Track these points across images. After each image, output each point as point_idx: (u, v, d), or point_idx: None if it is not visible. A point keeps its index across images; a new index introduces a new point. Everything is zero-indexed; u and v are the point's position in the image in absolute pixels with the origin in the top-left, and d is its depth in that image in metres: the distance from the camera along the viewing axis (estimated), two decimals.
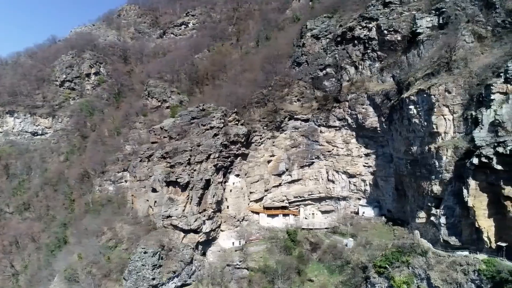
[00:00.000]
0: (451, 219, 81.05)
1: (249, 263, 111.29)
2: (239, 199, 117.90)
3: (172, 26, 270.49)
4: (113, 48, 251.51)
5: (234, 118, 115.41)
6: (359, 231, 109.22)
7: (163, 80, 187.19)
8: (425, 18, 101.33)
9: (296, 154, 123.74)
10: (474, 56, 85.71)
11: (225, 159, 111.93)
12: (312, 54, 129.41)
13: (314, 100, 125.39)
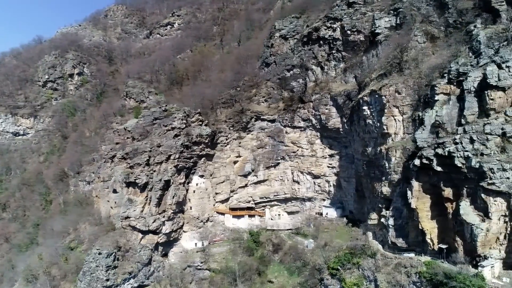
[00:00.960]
0: (399, 220, 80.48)
1: (211, 264, 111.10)
2: (203, 200, 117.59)
3: (158, 27, 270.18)
4: (98, 48, 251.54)
5: (197, 119, 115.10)
6: (321, 232, 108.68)
7: (142, 80, 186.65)
8: (384, 19, 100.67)
9: (262, 154, 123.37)
10: (426, 57, 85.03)
11: (187, 160, 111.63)
12: (280, 54, 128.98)
13: (281, 101, 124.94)
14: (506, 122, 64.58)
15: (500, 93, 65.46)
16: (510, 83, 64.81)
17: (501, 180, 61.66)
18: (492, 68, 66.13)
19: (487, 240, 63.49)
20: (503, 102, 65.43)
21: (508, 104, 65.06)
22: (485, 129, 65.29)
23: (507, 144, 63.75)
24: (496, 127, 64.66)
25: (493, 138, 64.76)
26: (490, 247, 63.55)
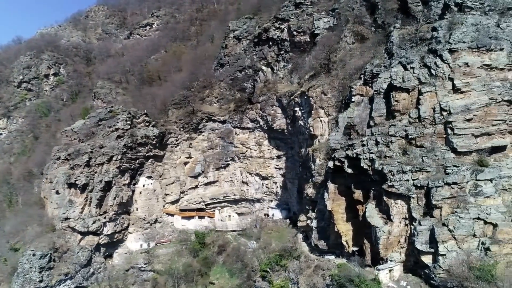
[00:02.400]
0: (321, 222, 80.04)
1: (155, 265, 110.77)
2: (151, 201, 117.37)
3: (138, 27, 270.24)
4: (76, 49, 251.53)
5: (143, 120, 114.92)
6: (265, 233, 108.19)
7: (111, 81, 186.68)
8: (323, 19, 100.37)
9: (212, 156, 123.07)
10: (353, 58, 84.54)
11: (132, 161, 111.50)
12: (233, 55, 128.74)
13: (233, 102, 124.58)
14: (409, 124, 63.90)
15: (405, 94, 64.83)
16: (414, 84, 64.04)
17: (401, 182, 61.05)
18: (397, 69, 65.56)
19: (389, 243, 62.90)
20: (408, 104, 64.76)
21: (413, 106, 64.29)
22: (389, 131, 64.70)
23: (408, 147, 63.15)
24: (400, 129, 64.05)
25: (396, 140, 64.20)
26: (392, 250, 62.82)
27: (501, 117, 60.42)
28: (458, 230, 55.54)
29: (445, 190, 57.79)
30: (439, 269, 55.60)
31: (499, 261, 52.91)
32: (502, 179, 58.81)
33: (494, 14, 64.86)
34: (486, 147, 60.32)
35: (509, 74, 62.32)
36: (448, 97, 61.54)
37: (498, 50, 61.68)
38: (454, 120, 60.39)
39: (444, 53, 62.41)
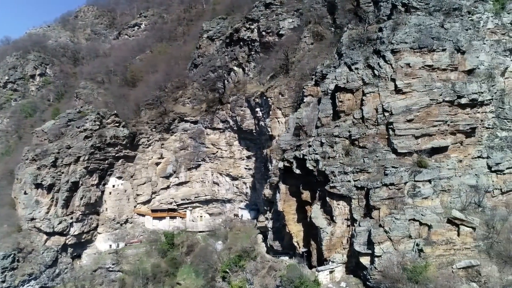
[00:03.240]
0: (276, 223, 79.95)
1: (123, 266, 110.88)
2: (121, 202, 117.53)
3: (126, 27, 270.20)
4: (64, 49, 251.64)
5: (113, 120, 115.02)
6: (232, 234, 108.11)
7: (94, 81, 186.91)
8: (287, 20, 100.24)
9: (184, 156, 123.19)
10: (311, 58, 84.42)
11: (101, 161, 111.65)
12: (207, 55, 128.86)
13: (205, 102, 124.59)
14: (353, 124, 63.75)
15: (349, 95, 64.68)
16: (358, 85, 63.89)
17: (342, 183, 60.85)
18: (341, 70, 65.44)
19: (332, 244, 62.71)
20: (352, 105, 64.60)
21: (357, 107, 64.13)
22: (334, 132, 64.54)
23: (351, 147, 62.97)
24: (344, 130, 63.89)
25: (340, 141, 64.03)
26: (336, 251, 62.66)
27: (442, 118, 60.15)
28: (393, 231, 55.29)
29: (383, 191, 57.57)
30: (374, 270, 55.35)
31: (431, 262, 52.59)
32: (441, 180, 58.59)
33: (439, 15, 64.59)
34: (426, 148, 60.07)
35: (451, 75, 62.13)
36: (390, 98, 61.31)
37: (440, 51, 61.45)
38: (395, 121, 60.14)
39: (387, 54, 62.22)
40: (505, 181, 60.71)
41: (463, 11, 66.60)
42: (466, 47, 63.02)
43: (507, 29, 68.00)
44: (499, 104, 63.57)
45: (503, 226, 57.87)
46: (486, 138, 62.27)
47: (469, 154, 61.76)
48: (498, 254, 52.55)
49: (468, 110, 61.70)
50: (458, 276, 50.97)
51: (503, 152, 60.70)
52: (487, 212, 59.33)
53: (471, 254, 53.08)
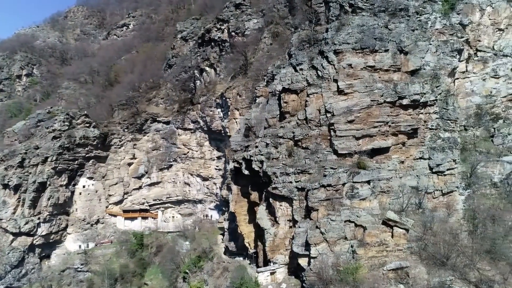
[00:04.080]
0: (232, 224, 79.76)
1: (92, 266, 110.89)
2: (92, 202, 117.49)
3: (115, 28, 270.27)
4: (52, 49, 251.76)
5: (83, 121, 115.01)
6: (200, 235, 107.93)
7: (77, 81, 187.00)
8: (252, 20, 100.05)
9: (156, 156, 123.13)
10: (269, 59, 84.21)
11: (70, 161, 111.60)
12: (180, 56, 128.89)
13: (177, 103, 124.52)
14: (297, 125, 63.60)
15: (294, 96, 64.58)
16: (303, 86, 63.75)
17: (284, 184, 60.73)
18: (286, 71, 65.30)
19: (275, 245, 62.60)
20: (297, 105, 64.51)
21: (302, 108, 63.98)
22: (278, 132, 64.38)
23: (295, 148, 62.83)
24: (288, 131, 63.78)
25: (285, 141, 63.95)
26: (279, 252, 62.50)
27: (383, 119, 59.97)
28: (329, 233, 55.14)
29: (320, 192, 57.48)
30: (310, 271, 55.21)
31: (363, 264, 52.38)
32: (380, 182, 58.47)
33: (385, 15, 64.39)
34: (367, 149, 59.88)
35: (394, 76, 61.93)
36: (332, 99, 61.18)
37: (382, 51, 61.26)
38: (336, 122, 60.03)
39: (329, 55, 62.11)
40: (446, 182, 60.41)
41: (410, 11, 66.37)
42: (409, 47, 62.80)
43: (455, 29, 67.73)
44: (443, 105, 63.17)
45: (442, 227, 57.57)
46: (429, 139, 61.97)
47: (411, 155, 61.50)
48: (430, 255, 52.26)
49: (410, 111, 61.44)
50: (387, 278, 50.73)
51: (444, 153, 60.39)
52: (427, 214, 59.09)
53: (403, 255, 52.86)
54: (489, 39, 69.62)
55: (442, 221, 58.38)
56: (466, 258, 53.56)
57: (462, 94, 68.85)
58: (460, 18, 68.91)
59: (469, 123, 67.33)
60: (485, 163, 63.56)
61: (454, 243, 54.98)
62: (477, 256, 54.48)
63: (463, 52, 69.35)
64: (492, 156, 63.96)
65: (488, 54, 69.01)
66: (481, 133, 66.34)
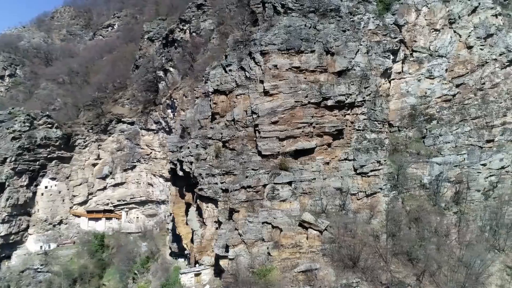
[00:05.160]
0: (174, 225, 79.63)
1: (53, 267, 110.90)
2: (55, 203, 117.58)
3: (101, 28, 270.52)
4: (37, 50, 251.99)
5: (45, 122, 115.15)
6: (160, 236, 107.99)
7: (55, 82, 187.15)
8: (208, 20, 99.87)
9: (120, 157, 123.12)
10: (213, 60, 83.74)
11: (31, 162, 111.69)
12: (147, 56, 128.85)
13: (142, 103, 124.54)
14: (226, 126, 63.45)
15: (223, 97, 64.43)
16: (232, 87, 63.60)
17: (209, 185, 60.58)
18: (216, 72, 65.15)
19: (203, 246, 62.53)
20: (226, 106, 64.33)
21: (230, 109, 63.80)
22: (208, 134, 64.26)
23: (222, 149, 62.64)
24: (217, 132, 63.59)
25: (214, 143, 63.76)
26: (206, 254, 62.40)
27: (307, 120, 59.77)
28: (246, 234, 55.01)
29: (241, 193, 57.36)
30: (227, 273, 55.07)
31: (276, 265, 52.23)
32: (302, 183, 58.27)
33: (314, 16, 64.16)
34: (291, 150, 59.63)
35: (321, 77, 61.72)
36: (258, 100, 60.99)
37: (308, 52, 61.05)
38: (261, 123, 59.86)
39: (256, 56, 61.93)
40: (370, 183, 60.13)
41: (342, 12, 66.18)
42: (338, 48, 62.54)
43: (389, 30, 67.44)
44: (371, 106, 62.87)
45: (363, 229, 57.36)
46: (355, 140, 61.66)
47: (336, 156, 61.27)
48: (343, 257, 52.00)
49: (336, 112, 61.23)
50: (296, 280, 50.53)
51: (368, 154, 60.11)
52: (350, 215, 58.77)
53: (315, 257, 52.66)
54: (425, 40, 69.19)
55: (365, 222, 58.15)
56: (382, 260, 53.25)
57: (398, 95, 68.43)
58: (395, 19, 68.53)
59: (402, 124, 66.83)
60: (415, 164, 63.13)
61: (371, 245, 54.75)
62: (393, 258, 54.30)
63: (399, 52, 68.92)
64: (422, 157, 63.51)
65: (423, 55, 68.58)
66: (414, 134, 65.87)
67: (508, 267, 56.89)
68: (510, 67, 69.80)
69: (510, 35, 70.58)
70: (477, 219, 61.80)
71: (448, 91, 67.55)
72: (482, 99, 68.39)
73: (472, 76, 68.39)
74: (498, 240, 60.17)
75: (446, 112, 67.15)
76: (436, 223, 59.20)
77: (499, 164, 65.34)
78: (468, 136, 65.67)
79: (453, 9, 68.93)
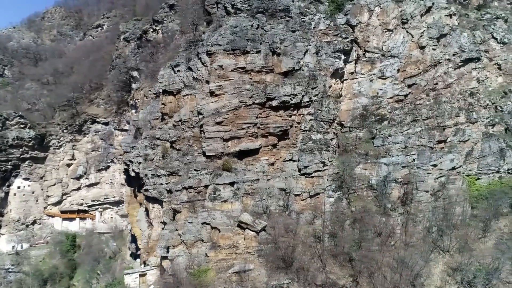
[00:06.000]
0: None
1: (24, 267, 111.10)
2: (28, 203, 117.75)
3: (91, 29, 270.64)
4: (26, 50, 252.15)
5: (17, 122, 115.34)
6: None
7: (40, 82, 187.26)
8: (176, 21, 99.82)
9: (94, 157, 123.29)
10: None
11: (3, 162, 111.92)
12: (123, 57, 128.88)
13: (116, 104, 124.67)
14: (173, 127, 63.43)
15: (171, 97, 64.42)
16: (179, 87, 63.59)
17: (154, 186, 60.63)
18: (164, 72, 65.15)
19: (149, 247, 62.54)
20: (175, 107, 64.30)
21: (178, 109, 63.77)
22: (156, 134, 64.26)
23: (169, 150, 62.62)
24: (165, 132, 63.60)
25: (161, 143, 63.78)
26: (152, 254, 62.36)
27: (251, 121, 59.69)
28: (186, 235, 54.98)
29: (183, 194, 57.31)
30: (166, 274, 55.03)
31: (212, 266, 52.15)
32: (245, 183, 58.16)
33: (262, 16, 64.05)
34: (235, 151, 59.54)
35: (267, 77, 61.62)
36: (204, 100, 60.97)
37: (254, 53, 60.93)
38: (205, 123, 59.83)
39: (203, 56, 61.89)
40: (314, 184, 59.95)
41: (293, 12, 65.97)
42: (285, 49, 62.37)
43: (340, 30, 67.15)
44: (318, 106, 62.69)
45: (305, 230, 57.25)
46: (301, 140, 61.47)
47: (281, 156, 61.16)
48: (278, 258, 51.83)
49: (281, 112, 61.10)
50: (230, 281, 50.41)
51: (312, 155, 59.93)
52: (293, 216, 58.62)
53: (250, 258, 52.53)
54: (378, 40, 68.85)
55: (307, 223, 57.94)
56: (319, 261, 53.10)
57: (350, 95, 68.14)
58: (348, 19, 68.26)
59: (354, 125, 66.53)
60: (363, 165, 62.91)
61: (311, 246, 54.58)
62: (333, 259, 54.18)
63: (352, 53, 68.66)
64: (371, 157, 63.20)
65: (376, 55, 68.25)
66: (364, 134, 65.48)
67: (451, 268, 56.46)
68: (463, 67, 69.33)
69: (464, 35, 70.09)
70: (424, 220, 61.35)
71: (400, 92, 67.14)
72: (435, 99, 67.86)
73: (425, 76, 67.93)
74: (444, 241, 59.75)
75: (398, 113, 66.67)
76: (381, 224, 58.82)
77: (449, 164, 64.84)
78: (419, 137, 65.10)
79: (406, 9, 68.55)
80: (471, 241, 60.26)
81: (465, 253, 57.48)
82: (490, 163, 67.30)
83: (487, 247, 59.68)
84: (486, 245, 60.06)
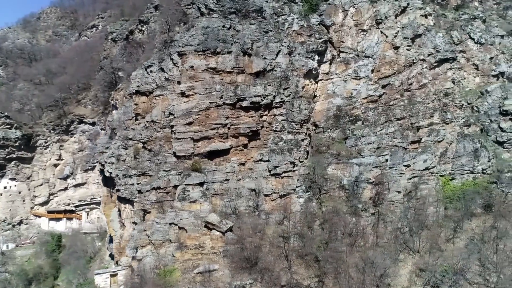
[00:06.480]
0: None
1: (9, 267, 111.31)
2: (14, 203, 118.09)
3: (86, 29, 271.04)
4: (21, 50, 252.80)
5: (4, 122, 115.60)
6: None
7: (32, 83, 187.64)
8: (158, 21, 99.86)
9: (81, 158, 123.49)
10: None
11: None
12: (110, 57, 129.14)
13: (103, 104, 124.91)
14: (145, 127, 63.53)
15: (144, 98, 64.60)
16: (152, 88, 63.74)
17: (126, 186, 60.77)
18: (137, 73, 65.35)
19: (121, 247, 62.64)
20: (147, 107, 64.49)
21: (151, 110, 63.90)
22: (129, 134, 64.37)
23: (141, 150, 62.74)
24: (137, 133, 63.74)
25: (134, 143, 63.92)
26: (124, 255, 62.42)
27: (221, 121, 59.79)
28: (154, 235, 55.13)
29: (152, 194, 57.41)
30: (134, 274, 55.12)
31: (178, 266, 52.26)
32: (214, 184, 58.29)
33: (235, 17, 64.15)
34: (205, 152, 59.63)
35: (238, 78, 61.68)
36: (176, 101, 61.13)
37: (225, 53, 61.04)
38: (176, 124, 59.95)
39: (174, 57, 62.04)
40: (283, 184, 60.01)
41: (266, 13, 66.07)
42: (256, 49, 62.45)
43: (314, 30, 67.14)
44: (290, 107, 62.73)
45: (274, 230, 57.28)
46: (272, 141, 61.51)
47: (252, 157, 61.19)
48: (243, 258, 51.89)
49: (252, 113, 61.17)
50: (194, 281, 50.50)
51: (282, 155, 60.00)
52: (262, 216, 58.67)
53: (216, 258, 52.63)
54: (353, 40, 68.85)
55: (277, 223, 57.97)
56: (285, 261, 53.14)
57: (324, 95, 68.14)
58: (322, 19, 68.27)
59: (327, 125, 66.53)
60: (335, 165, 62.92)
61: (279, 246, 54.62)
62: (300, 259, 54.21)
63: (326, 53, 68.65)
64: (343, 158, 63.20)
65: (350, 55, 68.25)
66: (338, 135, 65.47)
67: (420, 269, 56.37)
68: (438, 68, 69.29)
69: (440, 35, 70.05)
70: (396, 220, 61.31)
71: (374, 92, 67.12)
72: (409, 100, 67.84)
73: (399, 76, 67.91)
74: (414, 241, 59.70)
75: (372, 113, 66.65)
76: (351, 225, 58.82)
77: (423, 165, 64.78)
78: (392, 137, 65.09)
79: (380, 9, 68.54)
80: (442, 242, 60.23)
81: (435, 254, 57.35)
82: (464, 163, 67.20)
83: (458, 247, 59.59)
84: (456, 246, 59.99)
